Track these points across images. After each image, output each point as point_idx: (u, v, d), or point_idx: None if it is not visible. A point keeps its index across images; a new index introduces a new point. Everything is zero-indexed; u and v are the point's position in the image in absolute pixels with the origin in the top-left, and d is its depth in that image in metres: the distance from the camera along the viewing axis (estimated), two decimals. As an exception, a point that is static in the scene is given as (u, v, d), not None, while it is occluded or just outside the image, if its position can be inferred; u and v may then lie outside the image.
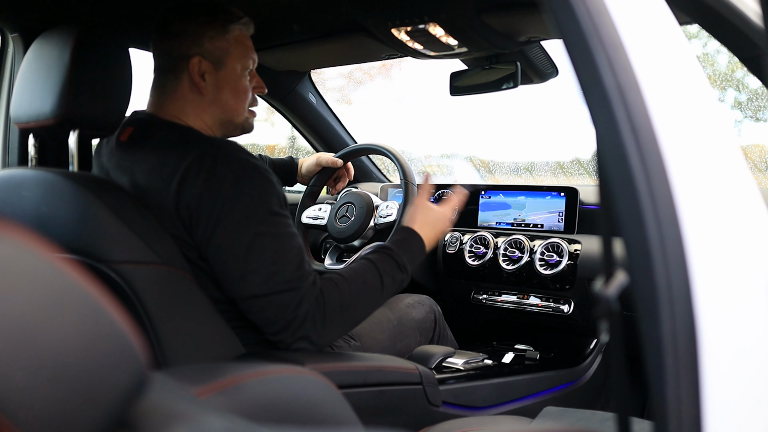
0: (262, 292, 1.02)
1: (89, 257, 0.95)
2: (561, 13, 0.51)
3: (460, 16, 1.38)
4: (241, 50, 1.18)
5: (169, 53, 1.15)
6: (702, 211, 0.54)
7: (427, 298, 1.65)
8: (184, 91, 1.15)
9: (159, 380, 0.50)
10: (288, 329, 1.04)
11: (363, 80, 3.72)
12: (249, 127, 1.24)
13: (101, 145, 1.23)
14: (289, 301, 1.02)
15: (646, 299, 0.49)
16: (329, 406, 0.79)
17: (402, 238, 1.22)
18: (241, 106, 1.20)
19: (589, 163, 2.78)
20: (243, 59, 1.18)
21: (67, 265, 0.40)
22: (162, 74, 1.17)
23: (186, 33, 1.13)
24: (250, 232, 1.01)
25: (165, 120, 1.14)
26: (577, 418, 1.10)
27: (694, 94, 0.61)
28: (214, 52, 1.15)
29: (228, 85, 1.17)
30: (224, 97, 1.17)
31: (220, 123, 1.19)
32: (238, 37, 1.18)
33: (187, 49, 1.13)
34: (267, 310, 1.03)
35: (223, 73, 1.16)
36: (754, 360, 0.59)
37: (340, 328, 1.09)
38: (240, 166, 1.04)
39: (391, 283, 1.15)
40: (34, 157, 1.32)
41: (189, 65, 1.13)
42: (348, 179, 1.74)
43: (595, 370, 1.68)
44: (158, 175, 1.05)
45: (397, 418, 1.16)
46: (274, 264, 1.02)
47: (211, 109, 1.16)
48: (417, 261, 1.22)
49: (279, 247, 1.03)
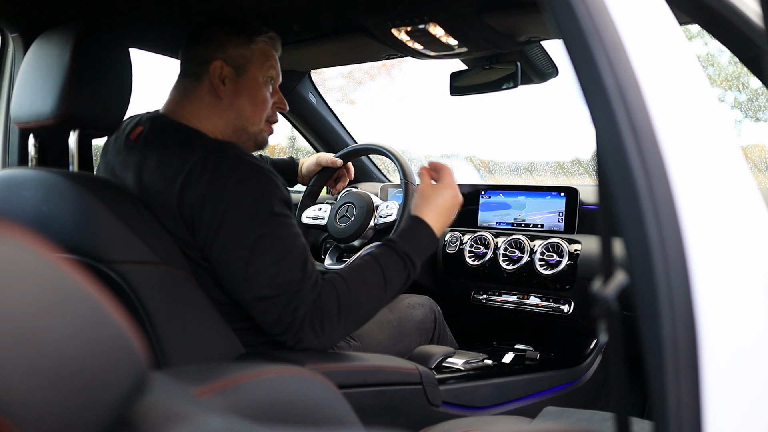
0: (265, 293, 1.01)
1: (89, 257, 0.95)
2: (561, 13, 0.51)
3: (460, 16, 1.38)
4: (263, 61, 1.20)
5: (194, 58, 1.17)
6: (702, 211, 0.54)
7: (427, 299, 1.65)
8: (202, 94, 1.16)
9: (159, 380, 0.50)
10: (289, 331, 1.03)
11: (363, 80, 3.73)
12: (263, 140, 1.24)
13: (109, 143, 1.23)
14: (288, 303, 1.02)
15: (646, 299, 0.49)
16: (329, 406, 0.79)
17: (407, 228, 1.15)
18: (257, 115, 1.20)
19: (589, 163, 2.78)
20: (265, 70, 1.20)
21: (67, 265, 0.40)
22: (184, 77, 1.19)
23: (212, 39, 1.16)
24: (254, 234, 1.01)
25: (175, 121, 1.14)
26: (577, 418, 1.10)
27: (694, 94, 0.61)
28: (236, 58, 1.17)
29: (246, 92, 1.18)
30: (241, 104, 1.17)
31: (234, 129, 1.18)
32: (263, 48, 1.20)
33: (211, 54, 1.15)
34: (269, 312, 1.03)
35: (243, 80, 1.17)
36: (754, 359, 0.59)
37: (342, 329, 1.06)
38: (244, 167, 1.04)
39: (397, 277, 1.10)
40: (34, 157, 1.32)
41: (210, 69, 1.15)
42: (348, 179, 1.74)
43: (595, 370, 1.68)
44: (162, 174, 1.05)
45: (397, 418, 1.16)
46: (277, 265, 1.01)
47: (226, 114, 1.17)
48: (427, 250, 1.15)
49: (283, 248, 1.03)
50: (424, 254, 1.15)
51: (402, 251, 1.11)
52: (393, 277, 1.10)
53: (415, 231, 1.15)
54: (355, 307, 1.07)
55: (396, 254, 1.11)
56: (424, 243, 1.15)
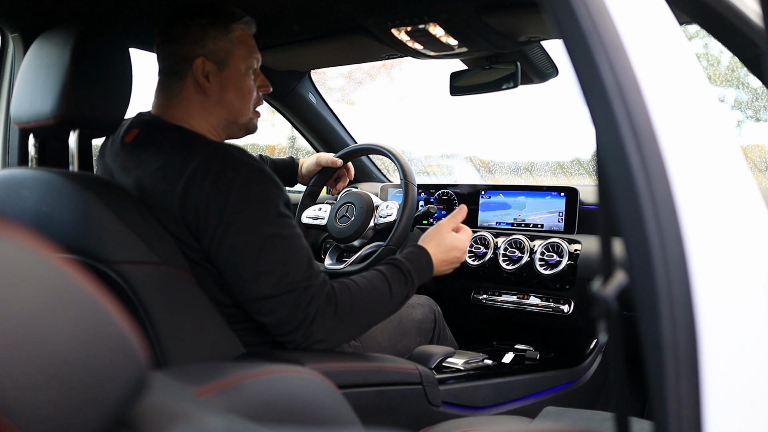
0: (274, 292, 1.03)
1: (89, 257, 0.95)
2: (561, 13, 0.51)
3: (460, 16, 1.38)
4: (244, 50, 1.18)
5: (173, 56, 1.15)
6: (702, 210, 0.54)
7: (427, 299, 1.66)
8: (189, 93, 1.15)
9: (159, 380, 0.50)
10: (300, 329, 1.05)
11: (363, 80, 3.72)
12: (253, 127, 1.25)
13: (105, 146, 1.23)
14: (301, 299, 1.04)
15: (646, 299, 0.49)
16: (329, 406, 0.79)
17: (411, 251, 1.24)
18: (245, 106, 1.20)
19: (589, 163, 2.78)
20: (247, 59, 1.18)
21: (67, 265, 0.40)
22: (166, 76, 1.17)
23: (188, 34, 1.13)
24: (261, 234, 1.02)
25: (170, 123, 1.14)
26: (577, 418, 1.10)
27: (694, 94, 0.61)
28: (217, 52, 1.15)
29: (232, 85, 1.17)
30: (229, 98, 1.17)
31: (226, 124, 1.19)
32: (241, 36, 1.18)
33: (190, 51, 1.13)
34: (279, 311, 1.04)
35: (227, 74, 1.16)
36: (754, 359, 0.59)
37: (351, 329, 1.10)
38: (247, 170, 1.05)
39: (400, 292, 1.17)
40: (34, 157, 1.32)
41: (193, 67, 1.13)
42: (348, 179, 1.74)
43: (595, 370, 1.68)
44: (163, 177, 1.05)
45: (397, 418, 1.16)
46: (285, 265, 1.03)
47: (216, 110, 1.17)
48: (425, 276, 1.23)
49: (289, 247, 1.05)
50: (422, 279, 1.22)
51: (406, 269, 1.19)
52: (397, 291, 1.16)
53: (417, 256, 1.24)
54: (365, 310, 1.11)
55: (400, 271, 1.18)
56: (423, 269, 1.23)
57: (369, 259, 1.59)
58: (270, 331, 1.07)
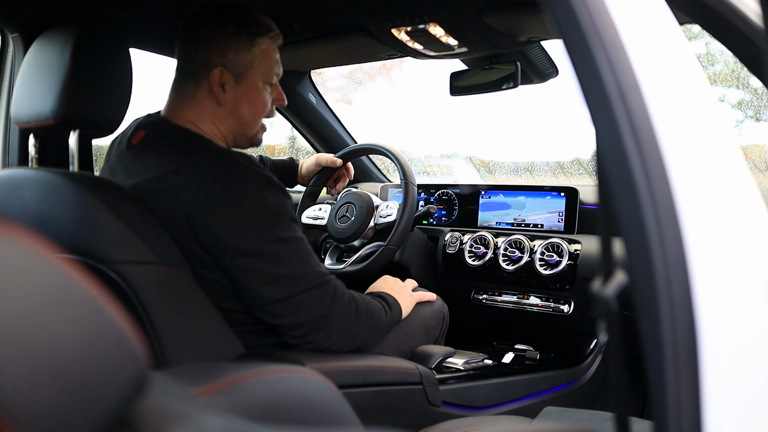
0: (293, 292, 1.05)
1: (89, 257, 0.95)
2: (561, 13, 0.51)
3: (460, 16, 1.38)
4: (265, 64, 1.16)
5: (193, 58, 1.13)
6: (702, 210, 0.54)
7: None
8: (202, 99, 1.14)
9: (159, 380, 0.50)
10: (321, 327, 1.08)
11: (363, 80, 3.72)
12: (258, 141, 1.24)
13: (112, 147, 1.22)
14: (322, 295, 1.08)
15: (646, 299, 0.49)
16: (329, 406, 0.79)
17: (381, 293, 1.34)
18: (256, 120, 1.20)
19: (589, 163, 2.78)
20: (266, 73, 1.17)
21: (67, 265, 0.40)
22: (182, 78, 1.15)
23: (212, 41, 1.11)
24: (277, 239, 1.04)
25: (178, 126, 1.13)
26: (577, 418, 1.10)
27: (694, 94, 0.61)
28: (237, 65, 1.13)
29: (246, 99, 1.16)
30: (241, 111, 1.16)
31: (234, 134, 1.19)
32: (265, 50, 1.15)
33: (211, 58, 1.11)
34: (299, 310, 1.06)
35: (243, 87, 1.15)
36: (754, 359, 0.59)
37: (365, 331, 1.16)
38: (257, 178, 1.06)
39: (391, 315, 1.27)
40: (35, 157, 1.32)
41: (210, 75, 1.11)
42: (348, 179, 1.74)
43: (595, 370, 1.68)
44: (169, 183, 1.04)
45: (397, 418, 1.16)
46: (302, 266, 1.07)
47: (227, 120, 1.16)
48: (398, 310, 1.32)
49: (302, 249, 1.08)
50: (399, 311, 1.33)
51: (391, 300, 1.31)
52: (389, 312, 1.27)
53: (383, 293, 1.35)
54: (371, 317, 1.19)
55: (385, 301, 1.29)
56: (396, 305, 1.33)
57: (369, 259, 1.59)
58: (287, 333, 1.08)
